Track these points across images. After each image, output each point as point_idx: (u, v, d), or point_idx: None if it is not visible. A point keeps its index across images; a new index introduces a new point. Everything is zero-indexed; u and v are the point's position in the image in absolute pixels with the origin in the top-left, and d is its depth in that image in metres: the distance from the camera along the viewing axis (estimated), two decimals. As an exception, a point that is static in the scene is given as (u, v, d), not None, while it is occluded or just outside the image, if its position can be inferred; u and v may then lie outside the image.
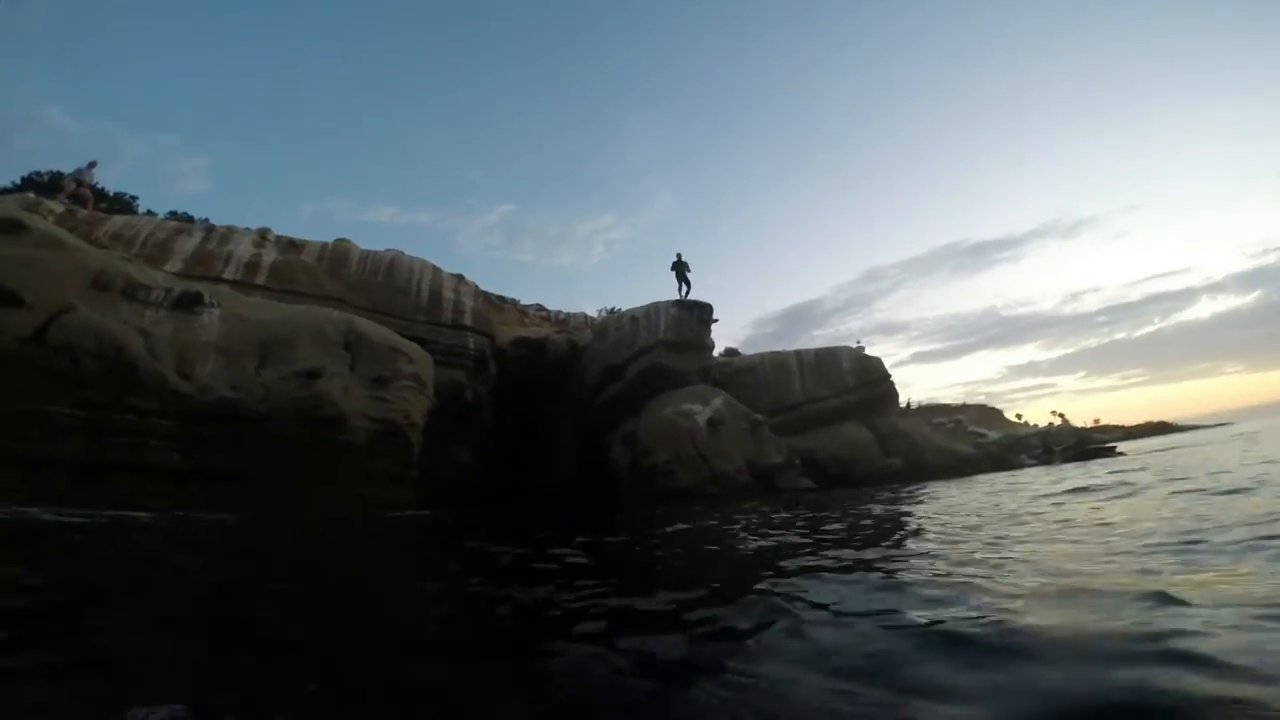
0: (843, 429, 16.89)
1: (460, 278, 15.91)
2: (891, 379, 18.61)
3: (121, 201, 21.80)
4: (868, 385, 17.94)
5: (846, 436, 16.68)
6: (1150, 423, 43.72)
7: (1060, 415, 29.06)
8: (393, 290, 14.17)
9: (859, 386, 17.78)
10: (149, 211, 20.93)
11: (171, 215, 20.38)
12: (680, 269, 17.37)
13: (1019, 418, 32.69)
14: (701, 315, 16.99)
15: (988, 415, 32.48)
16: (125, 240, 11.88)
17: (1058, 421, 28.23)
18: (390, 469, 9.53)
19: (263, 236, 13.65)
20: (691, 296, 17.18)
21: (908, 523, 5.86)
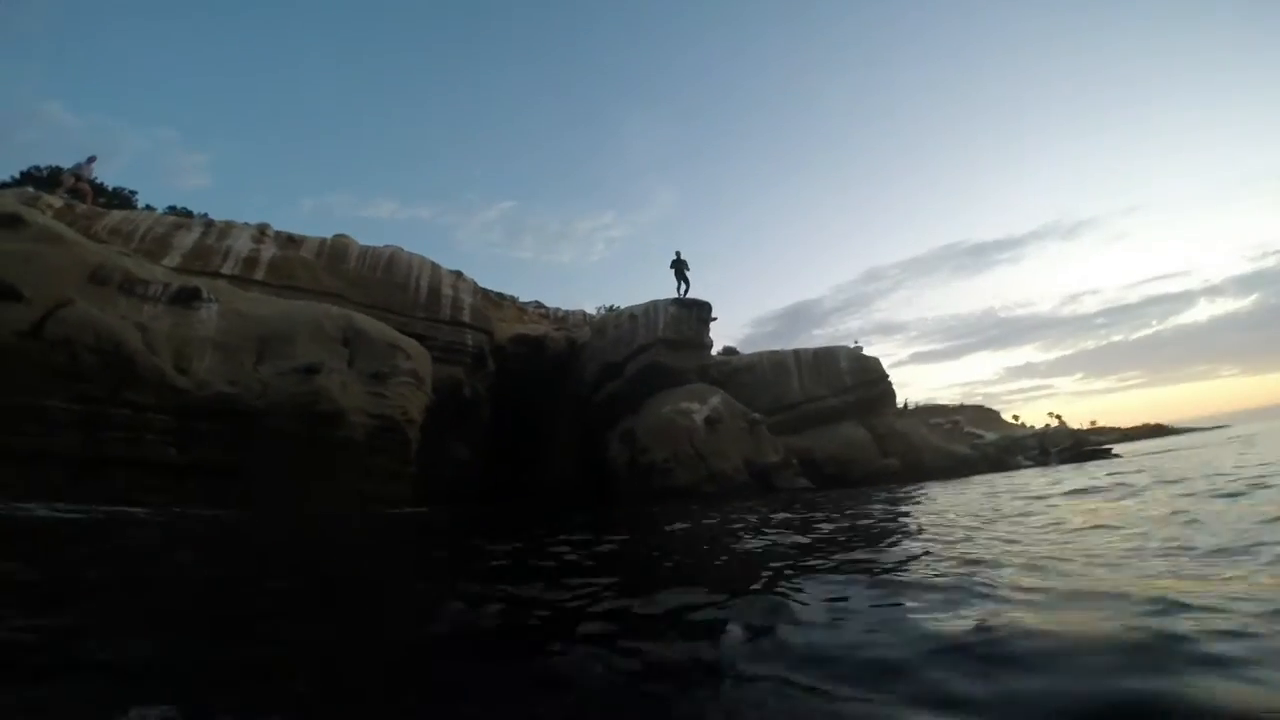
0: (840, 429, 16.92)
1: (459, 274, 15.90)
2: (889, 379, 18.67)
3: (120, 196, 21.74)
4: (865, 385, 17.97)
5: (844, 436, 16.71)
6: (1147, 425, 43.94)
7: (1057, 417, 29.26)
8: (391, 286, 14.16)
9: (857, 386, 17.81)
10: (148, 206, 20.85)
11: (171, 210, 20.35)
12: (679, 267, 17.37)
13: (1016, 419, 32.77)
14: (700, 314, 17.00)
15: (985, 416, 32.53)
16: (124, 235, 11.85)
17: (1054, 423, 28.40)
18: (388, 465, 9.52)
19: (261, 232, 13.62)
20: (690, 295, 17.20)
21: (906, 523, 5.86)
